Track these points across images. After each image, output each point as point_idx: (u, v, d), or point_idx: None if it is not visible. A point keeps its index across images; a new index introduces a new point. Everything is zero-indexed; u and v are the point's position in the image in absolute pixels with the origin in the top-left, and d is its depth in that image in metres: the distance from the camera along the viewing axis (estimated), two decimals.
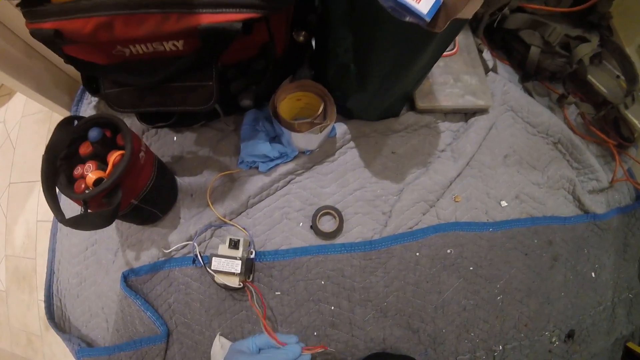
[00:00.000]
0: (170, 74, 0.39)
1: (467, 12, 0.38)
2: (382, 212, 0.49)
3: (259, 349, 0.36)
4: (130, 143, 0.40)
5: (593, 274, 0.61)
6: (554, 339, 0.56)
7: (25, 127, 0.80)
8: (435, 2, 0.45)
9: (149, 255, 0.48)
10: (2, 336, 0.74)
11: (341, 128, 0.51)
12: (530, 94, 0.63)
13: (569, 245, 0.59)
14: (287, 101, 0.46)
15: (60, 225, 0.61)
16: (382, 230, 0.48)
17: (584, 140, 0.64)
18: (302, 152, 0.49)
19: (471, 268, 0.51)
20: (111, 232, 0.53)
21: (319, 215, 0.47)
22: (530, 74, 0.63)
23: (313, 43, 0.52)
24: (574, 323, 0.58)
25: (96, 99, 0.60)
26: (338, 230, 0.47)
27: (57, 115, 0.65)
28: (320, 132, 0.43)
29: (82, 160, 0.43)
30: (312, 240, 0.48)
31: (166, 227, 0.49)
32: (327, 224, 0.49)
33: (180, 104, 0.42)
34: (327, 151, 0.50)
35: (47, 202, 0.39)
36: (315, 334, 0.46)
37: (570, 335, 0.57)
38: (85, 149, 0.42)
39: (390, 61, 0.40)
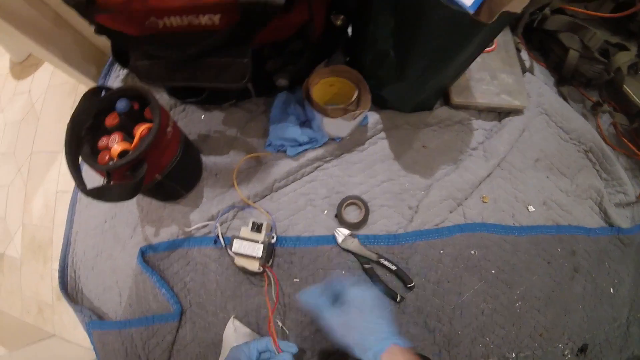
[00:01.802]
0: (205, 48, 0.37)
1: (517, 6, 0.36)
2: (408, 206, 0.47)
3: (260, 353, 0.36)
4: (159, 116, 0.38)
5: (612, 289, 0.59)
6: (566, 352, 0.54)
7: (51, 98, 0.79)
8: None
9: (168, 232, 0.47)
10: (13, 303, 0.74)
11: (373, 117, 0.48)
12: (565, 99, 0.60)
13: (591, 257, 0.57)
14: (320, 86, 0.44)
15: (79, 196, 0.59)
16: (408, 225, 0.46)
17: (614, 151, 0.62)
18: (332, 139, 0.47)
19: (493, 271, 0.49)
20: (131, 207, 0.51)
21: (344, 204, 0.45)
22: (566, 78, 0.60)
23: (349, 30, 0.49)
24: (587, 337, 0.56)
25: (124, 72, 0.58)
26: (363, 222, 0.45)
27: (84, 86, 0.64)
28: (353, 119, 0.41)
29: (107, 132, 0.41)
30: (336, 229, 0.46)
31: (188, 206, 0.48)
32: (352, 214, 0.47)
33: (212, 80, 0.40)
34: (357, 140, 0.48)
35: (70, 171, 0.38)
36: None
37: (582, 350, 0.55)
38: (111, 120, 0.41)
39: (433, 51, 0.38)
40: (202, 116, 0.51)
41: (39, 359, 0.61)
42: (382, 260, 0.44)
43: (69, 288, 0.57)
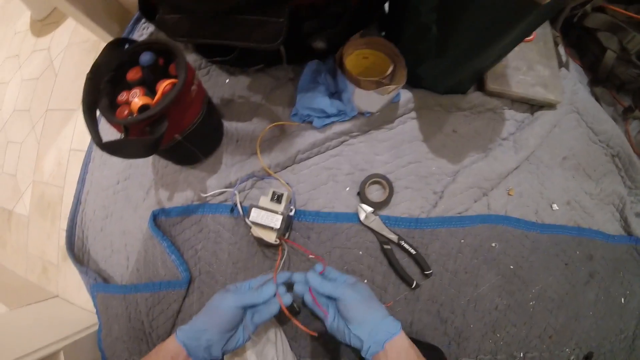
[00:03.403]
0: (239, 3, 0.35)
1: None
2: (433, 191, 0.45)
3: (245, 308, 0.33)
4: (185, 73, 0.36)
5: (622, 300, 0.56)
6: (572, 358, 0.52)
7: (70, 56, 0.76)
8: None
9: (182, 197, 0.45)
10: (18, 261, 0.72)
11: (405, 95, 0.46)
12: (597, 100, 0.57)
13: (608, 265, 0.54)
14: (354, 57, 0.41)
15: (93, 155, 0.57)
16: (431, 210, 0.44)
17: None
18: (361, 114, 0.45)
19: (511, 267, 0.46)
20: (145, 169, 0.49)
21: (368, 182, 0.43)
22: (601, 79, 0.57)
23: (386, 6, 0.46)
24: (594, 345, 0.54)
25: (148, 31, 0.55)
26: (385, 202, 0.43)
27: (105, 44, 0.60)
28: (386, 93, 0.39)
29: (128, 87, 0.39)
30: (357, 207, 0.43)
31: (205, 171, 0.45)
32: (375, 194, 0.44)
33: (244, 39, 0.37)
34: (386, 117, 0.46)
35: (86, 123, 0.35)
36: None
37: (587, 357, 0.53)
38: (133, 74, 0.38)
39: (479, 30, 0.35)
40: (227, 80, 0.48)
41: (39, 318, 0.59)
42: (402, 243, 0.41)
43: (75, 248, 0.55)
